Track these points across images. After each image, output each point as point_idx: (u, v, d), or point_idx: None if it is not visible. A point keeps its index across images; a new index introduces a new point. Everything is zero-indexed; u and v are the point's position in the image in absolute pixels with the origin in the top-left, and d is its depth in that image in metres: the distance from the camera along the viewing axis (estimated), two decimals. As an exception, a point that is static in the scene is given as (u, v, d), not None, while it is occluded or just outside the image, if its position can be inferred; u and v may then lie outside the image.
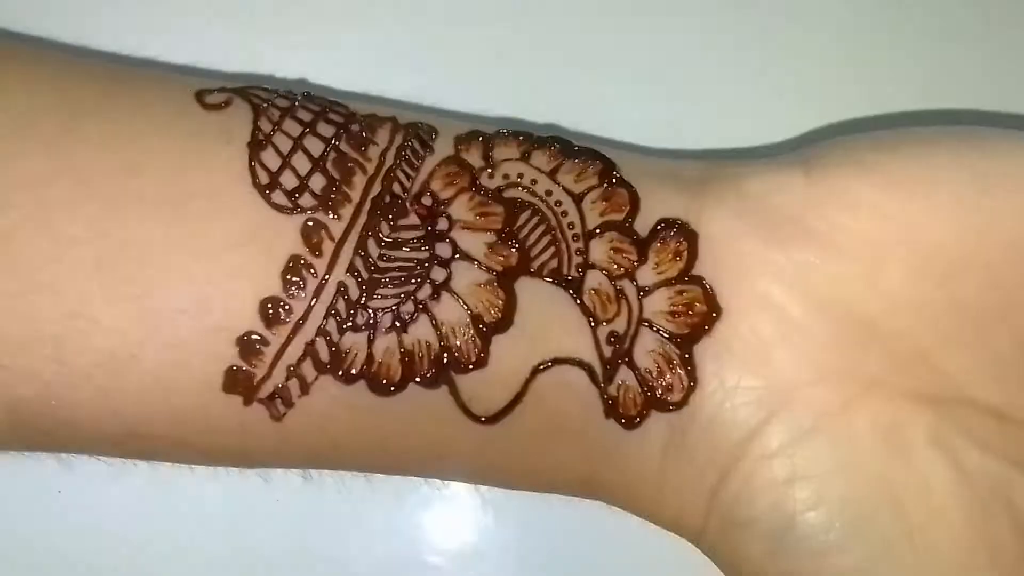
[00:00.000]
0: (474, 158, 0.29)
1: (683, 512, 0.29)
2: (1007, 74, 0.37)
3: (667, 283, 0.28)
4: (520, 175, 0.29)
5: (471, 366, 0.27)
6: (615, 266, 0.28)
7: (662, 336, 0.28)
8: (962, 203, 0.27)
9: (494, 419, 0.27)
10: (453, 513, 0.36)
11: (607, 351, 0.28)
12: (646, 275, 0.28)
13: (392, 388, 0.27)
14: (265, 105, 0.28)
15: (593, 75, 0.36)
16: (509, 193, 0.28)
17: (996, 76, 0.37)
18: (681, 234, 0.28)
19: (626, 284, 0.28)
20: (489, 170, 0.29)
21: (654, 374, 0.28)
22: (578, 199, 0.29)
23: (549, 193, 0.29)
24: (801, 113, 0.36)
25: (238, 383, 0.27)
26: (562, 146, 0.29)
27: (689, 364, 0.28)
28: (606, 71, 0.36)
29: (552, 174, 0.29)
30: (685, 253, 0.28)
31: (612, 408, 0.28)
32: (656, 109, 0.36)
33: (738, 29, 0.37)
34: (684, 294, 0.28)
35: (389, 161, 0.28)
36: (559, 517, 0.35)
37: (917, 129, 0.29)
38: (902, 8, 0.37)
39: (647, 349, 0.28)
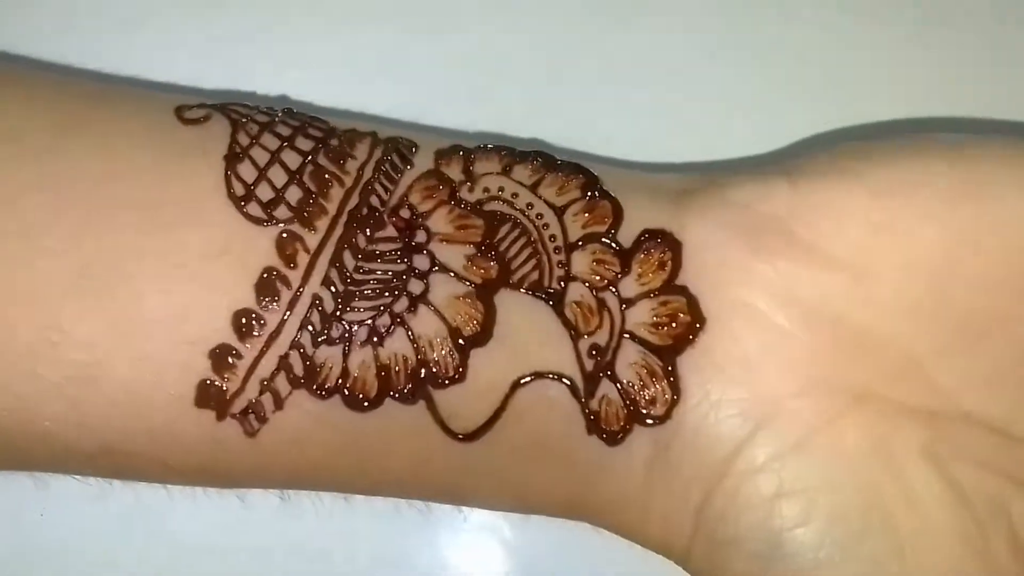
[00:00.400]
0: (454, 172, 0.28)
1: (669, 531, 0.28)
2: (988, 82, 0.36)
3: (650, 294, 0.27)
4: (501, 189, 0.28)
5: (449, 380, 0.26)
6: (597, 278, 0.27)
7: (645, 348, 0.27)
8: (951, 209, 0.26)
9: (473, 436, 0.26)
10: (440, 537, 0.35)
11: (589, 364, 0.27)
12: (629, 286, 0.27)
13: (368, 404, 0.26)
14: (244, 120, 0.28)
15: (576, 89, 0.35)
16: (489, 206, 0.28)
17: (977, 84, 0.36)
18: (665, 244, 0.27)
19: (608, 296, 0.27)
20: (469, 184, 0.28)
21: (636, 387, 0.27)
22: (560, 212, 0.28)
23: (530, 206, 0.28)
24: (780, 126, 0.35)
25: (210, 397, 0.26)
26: (544, 160, 0.29)
27: (672, 376, 0.27)
28: (588, 85, 0.35)
29: (533, 188, 0.28)
30: (669, 263, 0.27)
31: (594, 423, 0.27)
32: (637, 123, 0.35)
33: (717, 43, 0.36)
34: (667, 305, 0.27)
35: (367, 174, 0.27)
36: (549, 540, 0.34)
37: (902, 137, 0.29)
38: (881, 19, 0.36)
39: (629, 361, 0.27)
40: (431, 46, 0.35)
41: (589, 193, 0.28)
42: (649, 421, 0.27)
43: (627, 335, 0.27)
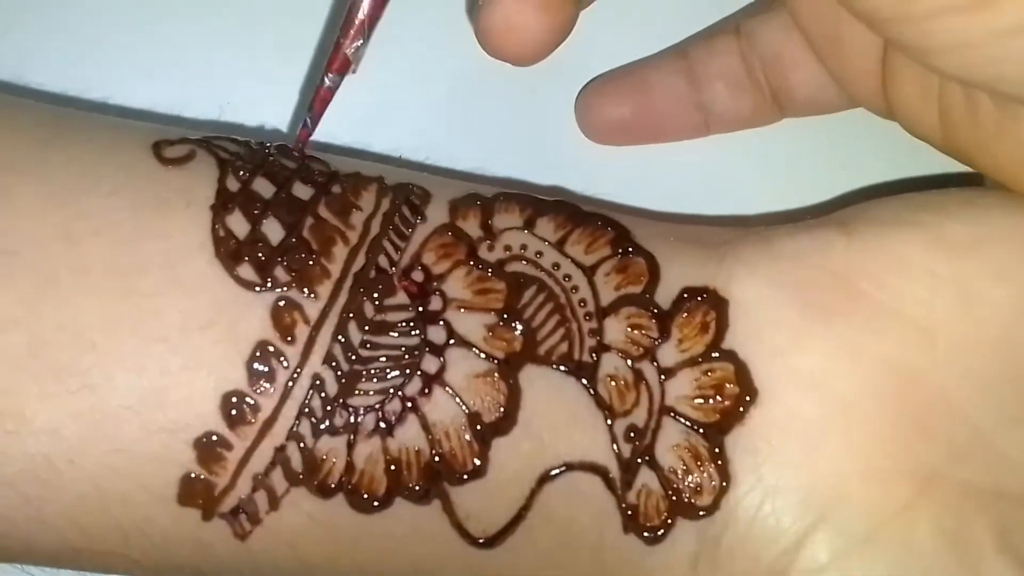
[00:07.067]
0: (472, 227, 0.23)
1: None
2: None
3: (693, 362, 0.23)
4: (524, 246, 0.23)
5: (467, 476, 0.21)
6: (634, 346, 0.22)
7: (688, 427, 0.22)
8: (1017, 262, 0.23)
9: (494, 540, 0.22)
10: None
11: (625, 450, 0.22)
12: (668, 354, 0.23)
13: (376, 503, 0.21)
14: (233, 160, 0.22)
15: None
16: (512, 267, 0.23)
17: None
18: (708, 303, 0.23)
19: (645, 366, 0.23)
20: (489, 241, 0.23)
21: (679, 474, 0.22)
22: (590, 272, 0.23)
23: (557, 266, 0.23)
24: (822, 178, 0.29)
25: (196, 494, 0.21)
26: (570, 212, 0.24)
27: (720, 459, 0.22)
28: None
29: (560, 244, 0.23)
30: (713, 325, 0.23)
31: (632, 520, 0.22)
32: (671, 172, 0.29)
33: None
34: (712, 373, 0.22)
35: (375, 229, 0.22)
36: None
37: (960, 189, 0.25)
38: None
39: (671, 443, 0.22)
40: (437, 78, 0.29)
41: (621, 249, 0.23)
42: (699, 513, 0.22)
43: (668, 412, 0.22)
